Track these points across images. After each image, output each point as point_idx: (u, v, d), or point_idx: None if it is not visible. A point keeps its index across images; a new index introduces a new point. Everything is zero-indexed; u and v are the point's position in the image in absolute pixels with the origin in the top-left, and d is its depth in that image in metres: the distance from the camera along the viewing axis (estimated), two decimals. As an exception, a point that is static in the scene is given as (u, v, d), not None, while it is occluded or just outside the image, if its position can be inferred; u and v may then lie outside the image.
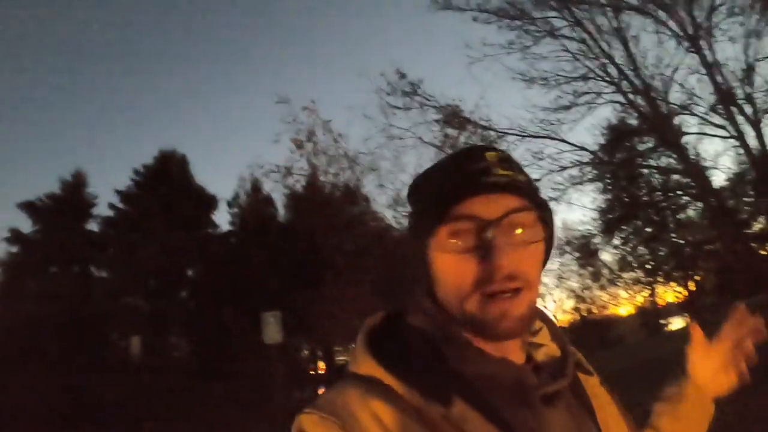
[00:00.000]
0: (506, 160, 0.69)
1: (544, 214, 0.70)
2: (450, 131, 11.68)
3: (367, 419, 0.60)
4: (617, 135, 13.42)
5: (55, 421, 15.57)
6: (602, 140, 13.64)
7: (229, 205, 16.49)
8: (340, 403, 0.63)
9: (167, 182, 17.12)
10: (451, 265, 0.66)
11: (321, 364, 17.27)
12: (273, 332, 10.12)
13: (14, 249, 19.81)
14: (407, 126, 11.73)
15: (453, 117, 11.59)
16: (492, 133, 11.40)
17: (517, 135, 11.36)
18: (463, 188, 0.65)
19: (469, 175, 0.66)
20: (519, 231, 0.66)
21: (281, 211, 14.65)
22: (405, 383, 0.62)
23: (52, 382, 16.20)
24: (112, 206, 18.16)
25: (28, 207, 19.24)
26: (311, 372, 17.54)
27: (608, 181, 14.80)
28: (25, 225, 19.21)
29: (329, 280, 11.55)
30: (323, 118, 11.35)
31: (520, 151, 11.64)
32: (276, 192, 12.33)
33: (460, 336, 0.68)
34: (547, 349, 0.75)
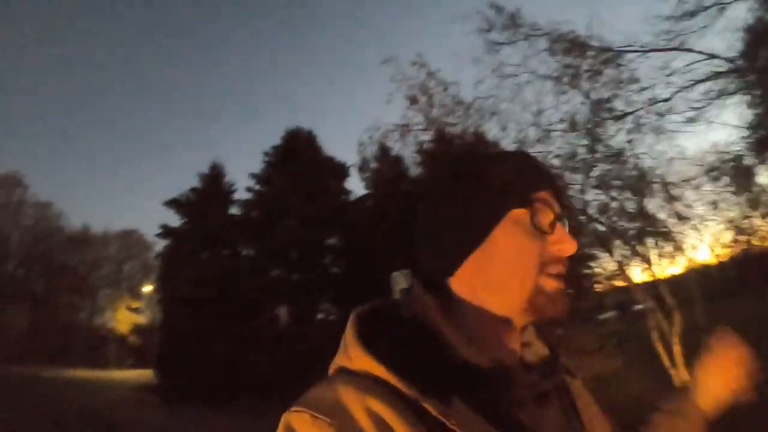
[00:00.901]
0: None
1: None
2: (568, 60, 10.95)
3: (363, 417, 0.58)
4: (756, 37, 11.74)
5: (217, 392, 16.94)
6: (739, 45, 12.01)
7: (360, 170, 16.94)
8: (334, 400, 0.60)
9: (297, 159, 17.90)
10: (525, 244, 0.68)
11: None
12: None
13: (167, 242, 21.98)
14: (518, 62, 11.19)
15: (567, 42, 10.79)
16: (611, 52, 10.48)
17: (638, 51, 10.37)
18: (546, 179, 0.71)
19: (545, 170, 0.72)
20: None
21: (411, 169, 14.74)
22: (402, 378, 0.59)
23: (212, 356, 17.65)
24: (249, 189, 19.40)
25: (174, 203, 21.18)
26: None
27: (755, 91, 13.05)
28: (173, 219, 21.15)
29: None
30: (432, 69, 11.15)
31: (644, 69, 10.65)
32: (404, 150, 12.35)
33: (459, 331, 0.66)
34: (535, 347, 0.75)
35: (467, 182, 0.71)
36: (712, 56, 11.04)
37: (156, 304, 24.00)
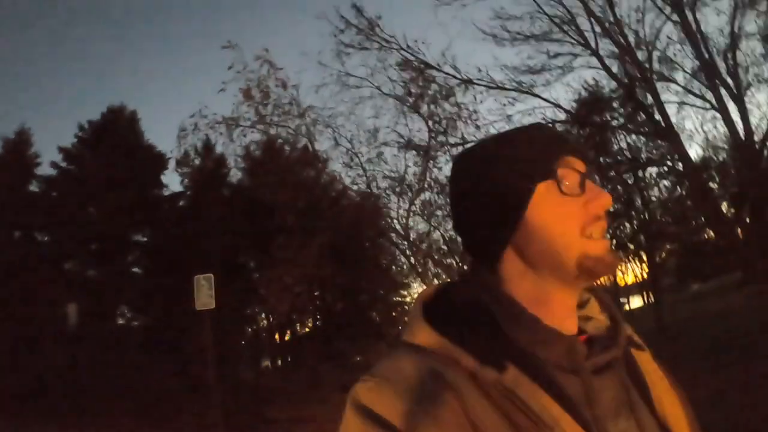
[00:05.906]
0: None
1: None
2: (413, 88, 10.91)
3: (416, 379, 0.63)
4: (590, 102, 12.89)
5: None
6: (578, 102, 13.07)
7: (179, 164, 15.34)
8: (395, 368, 0.66)
9: (114, 140, 15.77)
10: (559, 213, 0.69)
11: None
12: (205, 297, 9.07)
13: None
14: (365, 75, 10.97)
15: (419, 62, 10.72)
16: (456, 80, 10.59)
17: (485, 86, 10.63)
18: (564, 144, 0.73)
19: (560, 136, 0.75)
20: None
21: (234, 171, 13.77)
22: (460, 349, 0.65)
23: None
24: (54, 165, 16.78)
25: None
26: (275, 339, 16.68)
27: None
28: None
29: (281, 242, 10.80)
30: (276, 65, 10.48)
31: (488, 104, 11.15)
32: (228, 148, 11.42)
33: (514, 305, 0.70)
34: (597, 321, 0.77)
35: (489, 170, 0.72)
36: (554, 104, 11.66)
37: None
